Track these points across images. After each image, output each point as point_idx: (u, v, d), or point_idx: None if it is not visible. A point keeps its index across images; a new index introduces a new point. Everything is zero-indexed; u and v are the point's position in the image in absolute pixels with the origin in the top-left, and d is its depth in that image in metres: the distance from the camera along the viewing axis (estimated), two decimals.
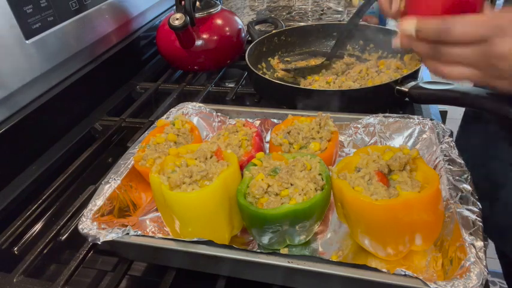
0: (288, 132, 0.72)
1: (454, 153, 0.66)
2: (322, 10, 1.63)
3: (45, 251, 0.66)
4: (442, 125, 0.73)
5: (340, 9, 1.60)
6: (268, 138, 0.83)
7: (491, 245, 0.93)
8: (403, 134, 0.77)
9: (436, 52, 0.57)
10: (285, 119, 0.78)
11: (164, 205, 0.59)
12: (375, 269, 0.50)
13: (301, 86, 0.98)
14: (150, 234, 0.66)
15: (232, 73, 1.24)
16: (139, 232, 0.58)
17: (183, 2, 0.99)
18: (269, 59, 1.15)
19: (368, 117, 0.78)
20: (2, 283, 0.61)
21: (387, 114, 0.78)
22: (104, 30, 1.06)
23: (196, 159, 0.61)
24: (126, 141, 0.88)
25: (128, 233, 0.57)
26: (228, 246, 0.54)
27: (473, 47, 0.52)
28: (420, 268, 0.57)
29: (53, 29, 0.89)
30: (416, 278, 0.48)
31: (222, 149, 0.66)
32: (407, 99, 0.87)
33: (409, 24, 0.57)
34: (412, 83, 0.85)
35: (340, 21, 1.51)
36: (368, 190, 0.54)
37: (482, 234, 0.52)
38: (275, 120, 0.84)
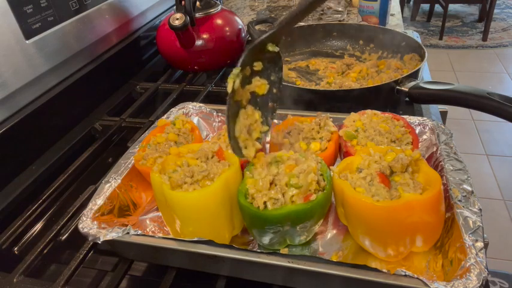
0: (288, 133, 0.72)
1: (454, 154, 0.66)
2: (322, 10, 1.63)
3: (45, 251, 0.66)
4: (442, 126, 0.73)
5: (340, 9, 1.60)
6: (268, 139, 0.83)
7: (491, 245, 0.93)
8: None
9: None
10: (285, 119, 0.78)
11: (165, 204, 0.59)
12: (375, 269, 0.50)
13: (301, 86, 0.98)
14: (150, 233, 0.66)
15: None
16: (139, 231, 0.58)
17: (183, 2, 0.99)
18: None
19: None
20: (2, 283, 0.61)
21: None
22: (104, 30, 1.06)
23: (197, 159, 0.61)
24: (126, 141, 0.88)
25: (128, 233, 0.57)
26: (229, 246, 0.54)
27: None
28: (420, 269, 0.57)
29: (53, 29, 0.89)
30: (417, 278, 0.48)
31: (222, 149, 0.66)
32: (407, 99, 0.87)
33: None
34: (412, 83, 0.85)
35: (340, 21, 1.51)
36: (369, 191, 0.54)
37: (482, 234, 0.52)
38: (275, 121, 0.84)
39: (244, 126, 0.59)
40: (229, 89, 0.58)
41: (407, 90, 0.85)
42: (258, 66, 0.61)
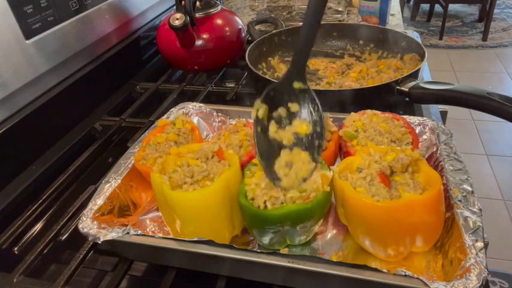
0: None
1: (454, 154, 0.66)
2: None
3: (45, 251, 0.66)
4: (442, 126, 0.73)
5: (340, 9, 1.60)
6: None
7: (491, 245, 0.93)
8: None
9: None
10: None
11: (165, 205, 0.59)
12: (375, 269, 0.50)
13: None
14: (150, 233, 0.66)
15: (232, 73, 1.24)
16: (139, 231, 0.58)
17: (183, 2, 0.99)
18: (269, 59, 1.15)
19: None
20: (2, 283, 0.61)
21: None
22: (104, 30, 1.06)
23: (197, 159, 0.61)
24: (126, 141, 0.88)
25: (128, 233, 0.57)
26: (229, 246, 0.54)
27: None
28: (420, 269, 0.57)
29: (53, 29, 0.89)
30: (417, 278, 0.48)
31: (222, 149, 0.66)
32: (407, 99, 0.87)
33: None
34: (412, 83, 0.85)
35: (340, 21, 1.51)
36: (369, 191, 0.54)
37: (482, 234, 0.52)
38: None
39: (284, 162, 0.59)
40: (252, 116, 0.59)
41: (407, 90, 0.85)
42: (293, 107, 0.61)
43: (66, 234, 0.69)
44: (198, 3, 1.11)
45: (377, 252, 0.58)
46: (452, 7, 4.66)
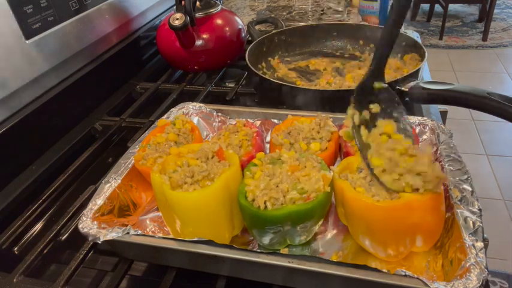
0: (289, 133, 0.72)
1: (455, 154, 0.66)
2: (322, 10, 1.63)
3: (45, 251, 0.66)
4: (442, 126, 0.73)
5: (340, 9, 1.60)
6: (268, 139, 0.83)
7: (491, 245, 0.93)
8: None
9: None
10: (285, 119, 0.78)
11: (165, 205, 0.59)
12: (375, 269, 0.50)
13: (301, 86, 0.98)
14: (150, 233, 0.66)
15: (232, 73, 1.24)
16: (139, 231, 0.58)
17: (183, 2, 0.99)
18: (269, 59, 1.15)
19: None
20: (2, 283, 0.61)
21: None
22: (104, 30, 1.06)
23: (197, 159, 0.61)
24: (126, 141, 0.88)
25: (128, 233, 0.57)
26: (229, 246, 0.54)
27: None
28: (420, 269, 0.57)
29: (53, 29, 0.89)
30: (417, 278, 0.48)
31: (222, 149, 0.66)
32: (407, 99, 0.87)
33: None
34: (412, 83, 0.85)
35: (340, 21, 1.51)
36: (369, 191, 0.54)
37: (482, 234, 0.52)
38: (275, 121, 0.84)
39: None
40: (348, 124, 0.60)
41: (407, 90, 0.85)
42: (375, 108, 0.61)
43: (66, 234, 0.69)
44: (198, 3, 1.11)
45: (377, 252, 0.58)
46: (452, 7, 4.66)
